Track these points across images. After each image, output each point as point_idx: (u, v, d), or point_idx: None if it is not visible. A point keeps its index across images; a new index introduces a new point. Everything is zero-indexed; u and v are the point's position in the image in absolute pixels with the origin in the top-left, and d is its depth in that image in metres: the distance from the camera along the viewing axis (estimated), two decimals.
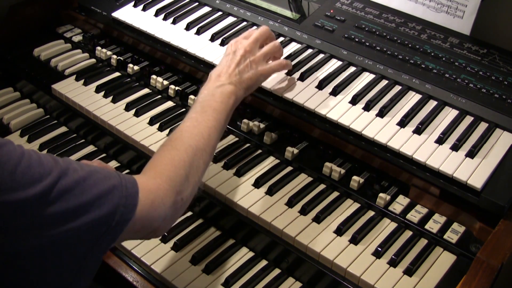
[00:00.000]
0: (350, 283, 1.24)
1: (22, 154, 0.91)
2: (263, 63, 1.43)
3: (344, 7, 1.76)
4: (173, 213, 1.13)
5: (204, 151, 1.22)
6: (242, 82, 1.37)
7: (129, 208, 1.00)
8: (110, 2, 1.97)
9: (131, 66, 1.84)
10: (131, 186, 1.02)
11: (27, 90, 1.92)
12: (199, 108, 1.29)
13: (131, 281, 1.36)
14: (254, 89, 1.43)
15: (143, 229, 1.07)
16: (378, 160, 1.42)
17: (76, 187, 0.94)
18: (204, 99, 1.31)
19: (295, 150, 1.50)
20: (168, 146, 1.20)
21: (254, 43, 1.43)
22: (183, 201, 1.15)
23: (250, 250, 1.41)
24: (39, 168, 0.91)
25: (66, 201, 0.92)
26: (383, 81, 1.55)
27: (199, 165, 1.20)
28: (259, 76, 1.42)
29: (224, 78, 1.35)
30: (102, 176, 0.99)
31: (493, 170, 1.30)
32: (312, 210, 1.37)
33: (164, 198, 1.09)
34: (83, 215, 0.94)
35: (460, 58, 1.55)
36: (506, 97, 1.44)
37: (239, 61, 1.38)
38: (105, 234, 0.97)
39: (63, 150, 1.70)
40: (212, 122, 1.26)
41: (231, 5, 1.86)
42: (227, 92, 1.32)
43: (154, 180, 1.10)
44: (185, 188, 1.15)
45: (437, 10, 1.66)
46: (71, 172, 0.95)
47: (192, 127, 1.24)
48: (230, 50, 1.42)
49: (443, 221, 1.33)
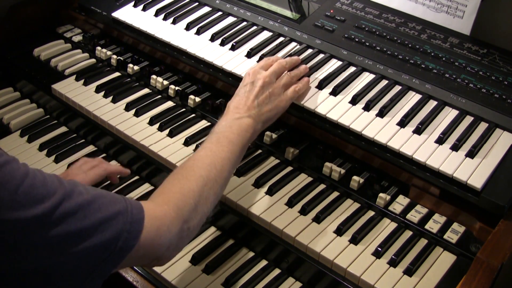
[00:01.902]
0: (350, 283, 1.24)
1: (26, 174, 0.90)
2: (282, 94, 1.41)
3: (344, 7, 1.76)
4: (178, 242, 1.11)
5: (215, 182, 1.19)
6: (261, 115, 1.35)
7: (133, 234, 0.99)
8: (110, 2, 1.97)
9: (131, 66, 1.84)
10: (136, 212, 1.01)
11: (27, 90, 1.92)
12: (214, 139, 1.27)
13: (131, 281, 1.36)
14: (273, 121, 1.41)
15: (147, 256, 1.05)
16: (378, 160, 1.42)
17: (80, 210, 0.92)
18: (221, 130, 1.29)
19: (295, 150, 1.50)
20: (178, 175, 1.19)
21: (273, 75, 1.41)
22: (190, 230, 1.13)
23: (250, 250, 1.41)
24: (43, 189, 0.90)
25: (68, 224, 0.90)
26: (383, 81, 1.55)
27: (209, 196, 1.18)
28: (279, 108, 1.40)
29: (243, 110, 1.33)
30: (108, 200, 0.98)
31: (493, 170, 1.30)
32: (312, 210, 1.37)
33: (170, 226, 1.07)
34: (85, 240, 0.92)
35: (460, 58, 1.55)
36: (506, 97, 1.44)
37: (258, 93, 1.36)
38: (107, 259, 0.96)
39: (63, 150, 1.70)
40: (226, 153, 1.24)
41: (231, 5, 1.86)
42: (245, 125, 1.31)
43: (161, 207, 1.08)
44: (193, 218, 1.13)
45: (437, 10, 1.66)
46: (76, 195, 0.93)
47: (205, 157, 1.22)
48: (248, 80, 1.39)
49: (443, 221, 1.33)
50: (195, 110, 1.68)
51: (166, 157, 1.51)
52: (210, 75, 1.71)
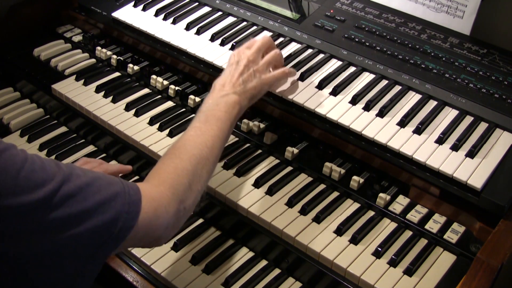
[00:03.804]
0: (350, 283, 1.24)
1: (25, 159, 0.91)
2: (266, 72, 1.44)
3: (344, 7, 1.76)
4: (175, 222, 1.13)
5: (207, 160, 1.22)
6: (246, 91, 1.37)
7: (131, 215, 1.00)
8: (110, 2, 1.97)
9: (131, 66, 1.84)
10: (134, 193, 1.02)
11: (27, 90, 1.92)
12: (203, 118, 1.29)
13: (131, 281, 1.36)
14: (258, 98, 1.43)
15: (146, 236, 1.06)
16: (378, 160, 1.42)
17: (79, 193, 0.94)
18: (208, 108, 1.31)
19: (295, 150, 1.50)
20: (171, 155, 1.20)
21: (257, 53, 1.43)
22: (186, 209, 1.15)
23: (250, 250, 1.41)
24: (42, 173, 0.91)
25: (69, 207, 0.92)
26: (383, 81, 1.55)
27: (202, 174, 1.20)
28: (263, 85, 1.42)
29: (228, 87, 1.35)
30: (105, 182, 0.99)
31: (493, 170, 1.30)
32: (312, 210, 1.37)
33: (167, 206, 1.08)
34: (86, 221, 0.93)
35: (460, 58, 1.55)
36: (506, 97, 1.44)
37: (243, 71, 1.38)
38: (107, 240, 0.97)
39: (63, 150, 1.70)
40: (215, 131, 1.26)
41: (231, 5, 1.86)
42: (231, 101, 1.32)
43: (157, 188, 1.10)
44: (188, 197, 1.15)
45: (437, 10, 1.66)
46: (74, 177, 0.94)
47: (196, 136, 1.24)
48: (233, 60, 1.42)
49: (443, 221, 1.33)
50: (195, 110, 1.68)
51: None
52: (210, 75, 1.71)
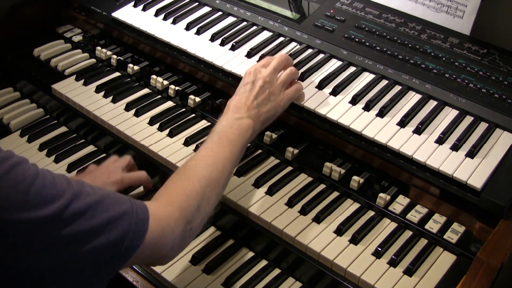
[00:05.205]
0: (350, 283, 1.24)
1: (36, 174, 0.91)
2: (281, 93, 1.41)
3: (344, 7, 1.76)
4: (181, 242, 1.13)
5: (217, 183, 1.21)
6: (260, 115, 1.35)
7: (139, 234, 1.00)
8: (110, 2, 1.97)
9: (131, 66, 1.84)
10: (141, 212, 1.02)
11: (27, 90, 1.92)
12: (216, 138, 1.28)
13: (131, 281, 1.36)
14: (272, 121, 1.41)
15: (151, 255, 1.07)
16: (378, 160, 1.42)
17: (88, 210, 0.94)
18: (222, 129, 1.30)
19: (295, 150, 1.50)
20: (181, 175, 1.20)
21: (273, 73, 1.41)
22: (192, 230, 1.16)
23: (250, 250, 1.41)
24: (52, 189, 0.91)
25: (77, 224, 0.92)
26: (383, 81, 1.55)
27: (211, 197, 1.20)
28: (277, 108, 1.40)
29: (243, 111, 1.33)
30: (114, 201, 1.00)
31: (493, 170, 1.30)
32: (312, 210, 1.37)
33: (174, 226, 1.09)
34: (93, 239, 0.94)
35: (460, 58, 1.55)
36: (506, 97, 1.44)
37: (258, 93, 1.36)
38: (113, 259, 0.97)
39: (63, 150, 1.70)
40: (227, 153, 1.25)
41: (231, 5, 1.86)
42: (245, 125, 1.32)
43: (165, 208, 1.10)
44: (195, 218, 1.15)
45: (437, 10, 1.66)
46: (84, 195, 0.95)
47: (207, 157, 1.24)
48: (249, 79, 1.39)
49: (443, 221, 1.33)
50: (195, 110, 1.68)
51: (166, 157, 1.51)
52: (210, 75, 1.71)
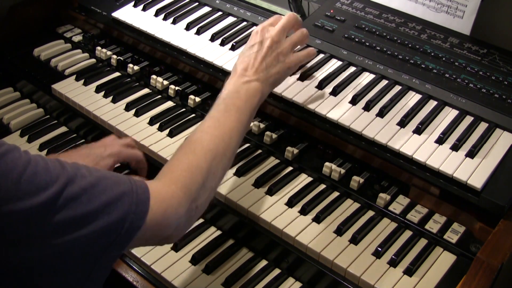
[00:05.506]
0: (350, 283, 1.24)
1: (28, 161, 0.89)
2: (290, 54, 1.35)
3: (344, 7, 1.76)
4: (186, 221, 1.09)
5: (223, 156, 1.16)
6: (269, 77, 1.29)
7: (139, 215, 0.97)
8: (110, 2, 1.97)
9: (131, 66, 1.84)
10: (142, 192, 0.99)
11: (27, 90, 1.92)
12: (222, 107, 1.21)
13: (131, 281, 1.36)
14: (280, 83, 1.35)
15: (155, 236, 1.04)
16: (378, 160, 1.42)
17: (84, 194, 0.91)
18: (228, 95, 1.23)
19: (295, 150, 1.50)
20: (186, 149, 1.15)
21: (282, 32, 1.33)
22: (198, 208, 1.11)
23: (250, 250, 1.41)
24: (46, 175, 0.89)
25: (73, 209, 0.89)
26: (383, 81, 1.55)
27: (217, 171, 1.15)
28: (286, 70, 1.34)
29: (250, 73, 1.26)
30: (112, 182, 0.96)
31: (493, 170, 1.30)
32: (312, 210, 1.37)
33: (178, 207, 1.05)
34: (91, 223, 0.91)
35: (460, 58, 1.55)
36: (506, 97, 1.44)
37: (266, 53, 1.29)
38: (114, 242, 0.94)
39: (63, 150, 1.69)
40: (234, 123, 1.19)
41: (231, 5, 1.86)
42: (253, 89, 1.24)
43: (168, 187, 1.06)
44: (201, 196, 1.10)
45: (437, 10, 1.66)
46: (79, 178, 0.92)
47: (213, 128, 1.18)
48: (256, 39, 1.31)
49: (443, 221, 1.33)
50: (195, 110, 1.68)
51: (166, 157, 1.51)
52: (210, 75, 1.71)
